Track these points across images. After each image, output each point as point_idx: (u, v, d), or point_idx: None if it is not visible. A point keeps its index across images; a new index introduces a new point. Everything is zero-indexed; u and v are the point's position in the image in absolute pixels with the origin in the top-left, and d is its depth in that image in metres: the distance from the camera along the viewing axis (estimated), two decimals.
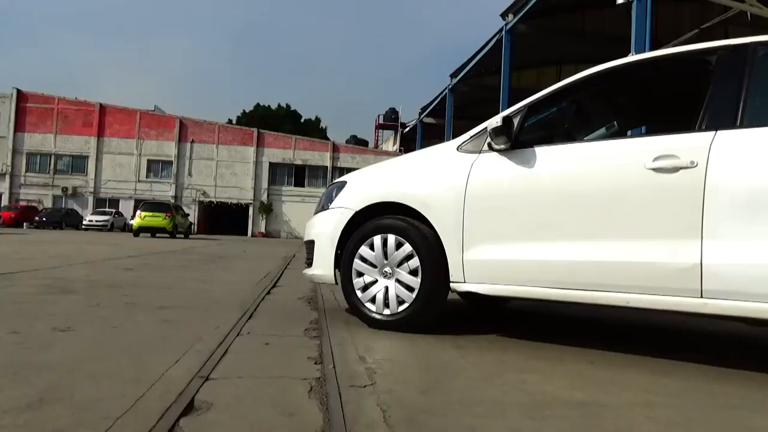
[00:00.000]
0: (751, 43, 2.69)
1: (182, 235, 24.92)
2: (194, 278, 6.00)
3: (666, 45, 10.48)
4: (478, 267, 2.99)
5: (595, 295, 2.71)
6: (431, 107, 30.69)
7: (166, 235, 23.18)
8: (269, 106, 59.17)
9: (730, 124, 2.55)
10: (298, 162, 41.84)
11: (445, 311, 3.40)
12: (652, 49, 10.02)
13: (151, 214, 22.88)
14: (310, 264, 3.67)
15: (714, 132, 2.55)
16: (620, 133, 3.93)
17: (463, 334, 3.21)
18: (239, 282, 5.79)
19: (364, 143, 50.42)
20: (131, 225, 26.66)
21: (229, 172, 41.32)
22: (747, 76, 2.60)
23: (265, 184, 41.50)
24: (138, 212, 23.54)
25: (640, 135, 4.08)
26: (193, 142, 41.15)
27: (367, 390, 2.06)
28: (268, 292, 4.90)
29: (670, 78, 3.47)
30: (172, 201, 34.47)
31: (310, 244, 3.67)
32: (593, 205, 2.74)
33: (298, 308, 4.06)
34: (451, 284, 3.09)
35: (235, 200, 41.28)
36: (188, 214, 29.23)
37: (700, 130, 2.60)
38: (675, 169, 2.55)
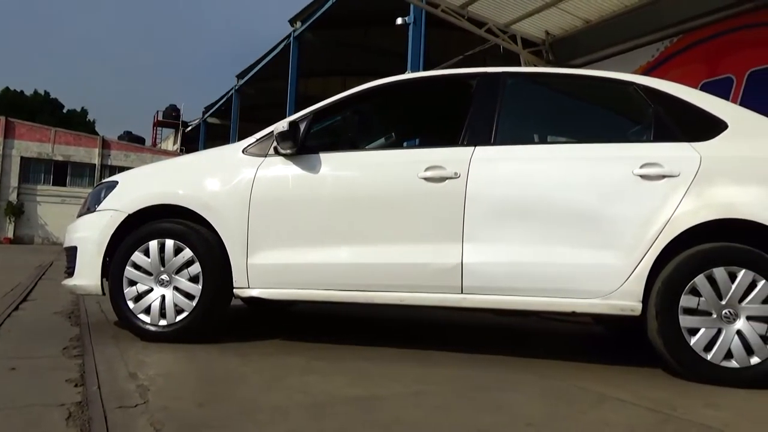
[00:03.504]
0: (503, 72, 3.15)
1: None
2: None
3: (437, 66, 11.65)
4: (263, 272, 2.96)
5: (372, 295, 2.88)
6: (216, 107, 29.57)
7: None
8: (22, 91, 50.87)
9: (486, 141, 2.93)
10: (59, 158, 36.71)
11: (228, 318, 3.29)
12: (425, 68, 11.03)
13: None
14: (71, 273, 3.23)
15: (473, 147, 2.90)
16: (397, 144, 4.24)
17: (247, 341, 3.14)
18: None
19: (140, 141, 46.38)
20: None
21: None
22: (499, 100, 3.03)
23: (14, 181, 35.50)
24: None
25: (415, 147, 4.46)
26: None
27: (139, 409, 1.88)
28: (16, 308, 4.19)
29: (440, 96, 3.85)
30: None
31: (72, 251, 3.24)
32: (372, 210, 2.92)
33: (56, 324, 3.55)
34: (234, 290, 3.01)
35: None
36: None
37: (462, 145, 2.95)
38: (442, 179, 2.84)
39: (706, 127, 2.83)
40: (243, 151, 3.15)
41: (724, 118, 2.84)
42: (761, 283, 2.54)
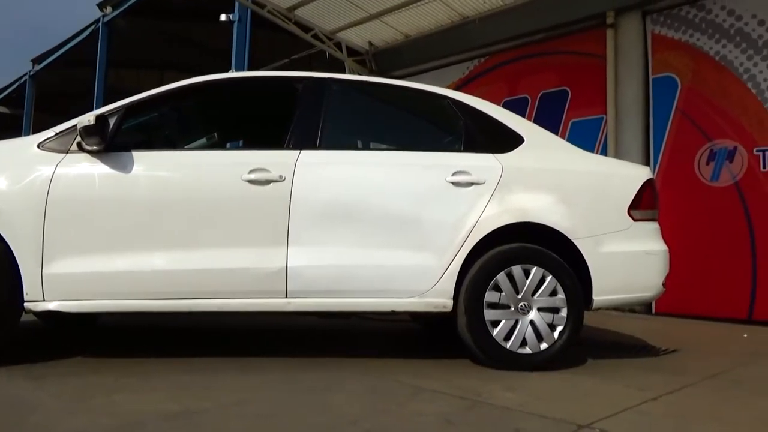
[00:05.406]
0: (328, 78, 3.20)
1: None
2: None
3: (263, 67, 11.46)
4: (62, 282, 2.63)
5: (191, 303, 2.73)
6: (5, 94, 25.75)
7: None
8: None
9: (311, 145, 2.96)
10: None
11: (16, 337, 2.87)
12: (250, 69, 10.79)
13: None
14: None
15: (299, 151, 2.91)
16: (220, 145, 4.09)
17: (42, 362, 2.76)
18: None
19: None
20: None
21: None
22: (324, 106, 3.08)
23: None
24: None
25: (238, 148, 4.34)
26: None
27: None
28: None
29: (265, 98, 3.78)
30: None
31: None
32: (192, 213, 2.77)
33: None
34: (26, 304, 2.63)
35: None
36: None
37: (288, 148, 2.94)
38: (267, 182, 2.80)
39: (507, 140, 3.18)
40: (39, 146, 2.77)
41: (521, 133, 3.22)
42: (549, 278, 2.92)
